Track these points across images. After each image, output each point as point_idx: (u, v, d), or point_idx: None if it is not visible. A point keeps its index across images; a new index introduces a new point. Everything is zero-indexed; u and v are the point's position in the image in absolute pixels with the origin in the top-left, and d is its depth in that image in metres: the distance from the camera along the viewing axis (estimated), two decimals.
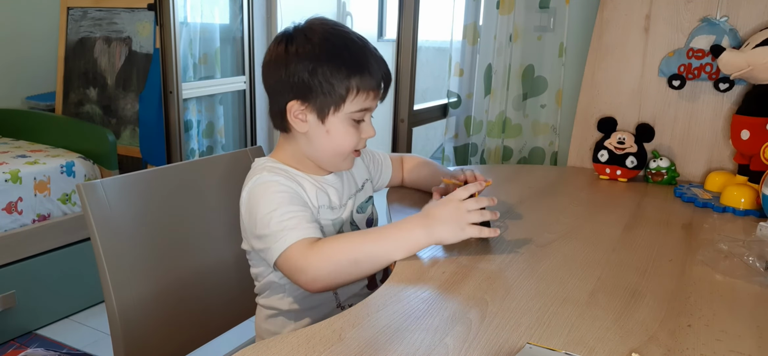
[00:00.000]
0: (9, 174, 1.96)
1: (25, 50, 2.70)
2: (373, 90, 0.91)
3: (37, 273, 2.01)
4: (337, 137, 0.92)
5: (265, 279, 0.97)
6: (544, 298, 0.78)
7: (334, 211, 0.97)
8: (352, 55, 0.90)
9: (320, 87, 0.89)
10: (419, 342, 0.66)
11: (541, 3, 1.84)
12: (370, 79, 0.90)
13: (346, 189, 1.01)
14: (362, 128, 0.94)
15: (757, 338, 0.71)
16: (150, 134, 2.33)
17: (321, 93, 0.89)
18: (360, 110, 0.91)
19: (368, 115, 0.94)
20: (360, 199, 1.04)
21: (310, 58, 0.88)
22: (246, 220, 0.90)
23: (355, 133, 0.93)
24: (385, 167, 1.17)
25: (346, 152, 0.94)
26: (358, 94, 0.90)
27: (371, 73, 0.90)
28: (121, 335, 0.91)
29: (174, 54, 2.04)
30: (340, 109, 0.90)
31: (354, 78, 0.89)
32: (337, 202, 0.98)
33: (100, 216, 0.90)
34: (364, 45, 0.92)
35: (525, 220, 1.11)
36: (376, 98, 0.93)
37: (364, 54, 0.91)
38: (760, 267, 0.91)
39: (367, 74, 0.89)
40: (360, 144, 0.95)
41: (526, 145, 1.94)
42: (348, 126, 0.92)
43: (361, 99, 0.90)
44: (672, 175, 1.43)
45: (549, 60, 1.86)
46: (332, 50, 0.89)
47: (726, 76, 1.38)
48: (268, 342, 0.64)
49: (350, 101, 0.90)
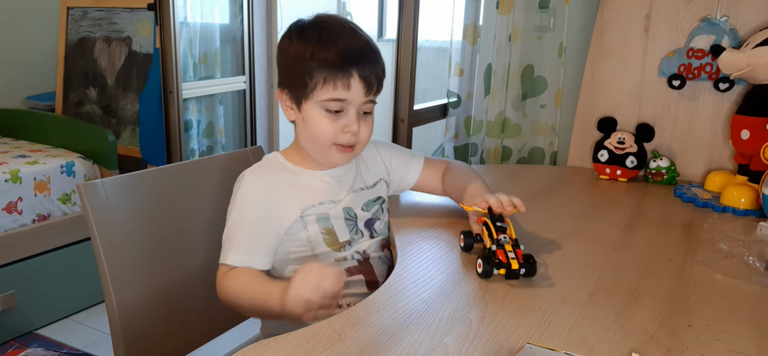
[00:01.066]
0: (9, 174, 1.96)
1: (25, 50, 2.70)
2: (341, 80, 0.88)
3: (37, 273, 2.01)
4: (311, 125, 0.92)
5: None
6: (544, 298, 0.78)
7: (330, 204, 0.96)
8: (320, 42, 0.88)
9: (291, 72, 0.92)
10: (419, 342, 0.66)
11: (540, 3, 1.84)
12: (336, 68, 0.87)
13: (350, 181, 1.00)
14: (342, 120, 0.91)
15: (757, 338, 0.71)
16: (150, 134, 2.33)
17: (293, 78, 0.91)
18: (331, 99, 0.89)
19: (350, 108, 0.90)
20: (367, 197, 1.02)
21: (287, 46, 0.92)
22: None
23: (331, 124, 0.90)
24: (412, 167, 1.11)
25: (324, 143, 0.92)
26: (326, 82, 0.88)
27: (338, 62, 0.87)
28: (121, 335, 0.91)
29: (174, 54, 2.04)
30: (310, 96, 0.90)
31: (320, 65, 0.88)
32: (339, 194, 0.97)
33: (100, 216, 0.90)
34: (342, 34, 0.90)
35: (525, 220, 1.11)
36: (347, 88, 0.88)
37: (336, 42, 0.88)
38: (760, 267, 0.91)
39: (333, 63, 0.87)
40: (341, 137, 0.91)
41: (525, 145, 1.94)
42: (321, 116, 0.90)
43: (330, 88, 0.88)
44: (672, 175, 1.43)
45: (549, 60, 1.86)
46: (303, 37, 0.90)
47: (726, 76, 1.38)
48: (267, 342, 0.64)
49: (320, 88, 0.89)
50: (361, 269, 0.96)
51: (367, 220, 1.01)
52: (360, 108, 0.92)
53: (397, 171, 1.10)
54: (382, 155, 1.09)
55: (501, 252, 0.83)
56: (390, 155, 1.10)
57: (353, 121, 0.91)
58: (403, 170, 1.11)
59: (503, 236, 0.86)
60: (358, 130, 0.92)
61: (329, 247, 0.95)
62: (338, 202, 0.98)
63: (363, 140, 0.95)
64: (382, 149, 1.10)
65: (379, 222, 1.03)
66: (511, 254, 0.82)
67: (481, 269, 0.83)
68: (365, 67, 0.89)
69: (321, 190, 0.97)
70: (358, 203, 1.01)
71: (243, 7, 2.68)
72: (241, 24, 2.70)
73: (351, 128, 0.91)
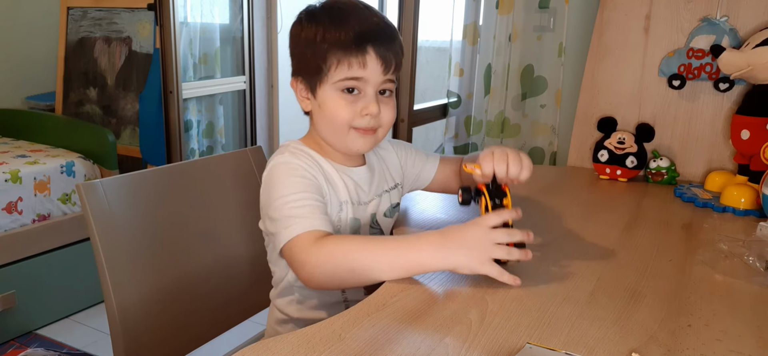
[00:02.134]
0: (9, 174, 1.96)
1: (25, 50, 2.70)
2: (355, 56, 0.84)
3: (37, 273, 2.01)
4: (328, 109, 0.87)
5: (282, 281, 0.94)
6: (544, 298, 0.78)
7: (358, 207, 0.92)
8: (332, 22, 0.85)
9: (303, 58, 0.87)
10: (419, 342, 0.65)
11: (540, 3, 1.84)
12: (351, 47, 0.83)
13: (375, 184, 0.95)
14: (361, 103, 0.86)
15: (757, 338, 0.71)
16: (150, 134, 2.33)
17: (306, 64, 0.87)
18: (346, 78, 0.85)
19: (368, 88, 0.86)
20: (389, 202, 0.98)
21: (298, 31, 0.88)
22: (264, 198, 0.87)
23: (348, 106, 0.86)
24: (428, 165, 1.07)
25: (341, 127, 0.87)
26: (340, 62, 0.84)
27: (352, 40, 0.83)
28: (120, 335, 0.91)
29: (174, 54, 2.04)
30: (325, 79, 0.86)
31: (332, 46, 0.84)
32: (365, 197, 0.93)
33: (100, 216, 0.90)
34: (352, 11, 0.86)
35: (525, 220, 1.10)
36: (362, 66, 0.84)
37: (348, 20, 0.85)
38: (760, 267, 0.91)
39: (347, 42, 0.83)
40: (359, 121, 0.86)
41: (525, 145, 1.94)
42: (337, 97, 0.86)
43: (345, 67, 0.84)
44: (672, 175, 1.43)
45: (548, 60, 1.86)
46: (314, 20, 0.86)
47: (726, 76, 1.38)
48: (267, 342, 0.64)
49: (334, 69, 0.85)
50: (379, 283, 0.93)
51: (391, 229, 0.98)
52: (378, 88, 0.87)
53: (413, 170, 1.06)
54: (398, 153, 1.05)
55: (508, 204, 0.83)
56: (406, 153, 1.06)
57: (372, 102, 0.86)
58: (419, 168, 1.07)
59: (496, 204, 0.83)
60: (377, 112, 0.86)
61: None
62: (365, 205, 0.93)
63: (386, 123, 0.89)
64: (399, 147, 1.06)
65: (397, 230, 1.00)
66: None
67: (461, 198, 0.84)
68: (381, 44, 0.85)
69: (351, 187, 0.92)
70: (382, 209, 0.96)
71: (243, 7, 2.68)
72: (241, 24, 2.70)
73: (370, 110, 0.86)
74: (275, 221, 0.83)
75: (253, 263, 1.12)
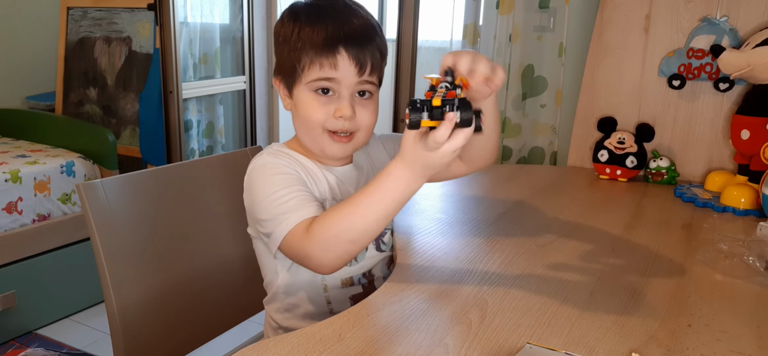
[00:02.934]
0: (9, 174, 1.96)
1: (25, 50, 2.70)
2: (326, 57, 0.80)
3: (37, 273, 2.01)
4: (301, 110, 0.84)
5: (271, 287, 0.93)
6: (544, 298, 0.78)
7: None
8: (308, 20, 0.82)
9: (281, 56, 0.85)
10: (419, 342, 0.65)
11: (540, 3, 1.84)
12: (321, 47, 0.80)
13: (360, 184, 0.91)
14: (334, 103, 0.82)
15: (757, 338, 0.71)
16: (150, 134, 2.33)
17: (283, 63, 0.85)
18: (318, 78, 0.81)
19: (341, 89, 0.82)
20: None
21: (278, 28, 0.86)
22: (247, 203, 0.86)
23: (320, 107, 0.82)
24: None
25: (314, 128, 0.83)
26: (312, 63, 0.81)
27: (323, 40, 0.80)
28: (121, 335, 0.91)
29: (174, 54, 2.04)
30: (300, 78, 0.83)
31: (305, 45, 0.81)
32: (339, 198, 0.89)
33: (100, 216, 0.90)
34: (330, 10, 0.83)
35: (525, 220, 1.11)
36: (333, 67, 0.80)
37: (323, 20, 0.81)
38: (760, 267, 0.91)
39: (318, 42, 0.80)
40: (332, 123, 0.82)
41: (525, 145, 1.94)
42: (311, 98, 0.82)
43: (316, 68, 0.81)
44: (672, 175, 1.43)
45: (549, 60, 1.86)
46: (292, 18, 0.84)
47: (726, 76, 1.38)
48: (267, 342, 0.64)
49: (307, 69, 0.81)
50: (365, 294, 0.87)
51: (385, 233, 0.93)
52: (354, 89, 0.83)
53: None
54: (387, 147, 0.99)
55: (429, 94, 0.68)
56: (395, 146, 0.98)
57: (345, 104, 0.82)
58: None
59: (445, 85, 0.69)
60: (351, 114, 0.82)
61: None
62: None
63: (364, 126, 0.85)
64: (387, 141, 1.00)
65: (386, 233, 0.94)
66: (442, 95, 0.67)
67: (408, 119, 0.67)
68: (354, 45, 0.81)
69: (334, 186, 0.88)
70: None
71: (243, 7, 2.68)
72: (241, 24, 2.69)
73: (343, 112, 0.82)
74: (266, 222, 0.81)
75: (253, 263, 1.12)
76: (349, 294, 0.91)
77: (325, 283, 0.89)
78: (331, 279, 0.89)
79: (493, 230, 1.05)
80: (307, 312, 0.91)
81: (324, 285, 0.89)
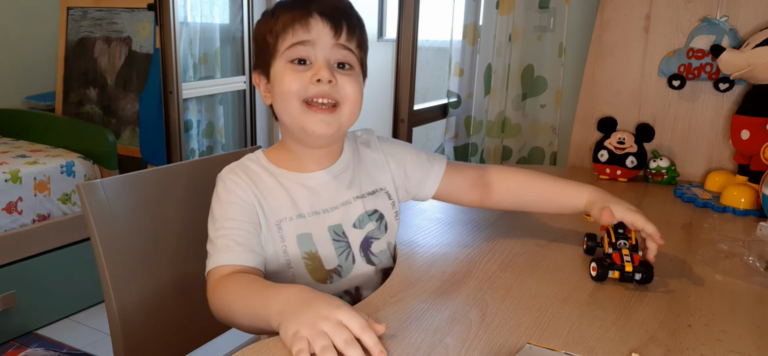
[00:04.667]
0: (9, 174, 1.96)
1: (25, 50, 2.70)
2: (299, 21, 0.78)
3: (37, 273, 2.01)
4: (278, 86, 0.79)
5: None
6: (544, 298, 0.78)
7: (310, 219, 0.82)
8: (283, 5, 0.81)
9: (258, 43, 0.83)
10: (419, 342, 0.65)
11: (540, 3, 1.84)
12: (294, 11, 0.78)
13: (342, 190, 0.85)
14: (311, 71, 0.78)
15: (757, 338, 0.71)
16: (150, 134, 2.33)
17: (260, 49, 0.83)
18: (292, 44, 0.78)
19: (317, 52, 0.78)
20: (361, 209, 0.86)
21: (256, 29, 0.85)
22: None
23: (297, 75, 0.78)
24: (433, 174, 0.93)
25: (291, 100, 0.78)
26: (285, 30, 0.78)
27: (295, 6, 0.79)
28: (120, 335, 0.91)
29: (174, 54, 2.04)
30: (275, 54, 0.80)
31: (279, 17, 0.79)
32: (322, 205, 0.83)
33: (99, 216, 0.90)
34: None
35: (525, 220, 1.11)
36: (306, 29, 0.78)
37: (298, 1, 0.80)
38: (760, 267, 0.91)
39: (291, 7, 0.79)
40: (311, 89, 0.78)
41: (525, 145, 1.94)
42: (287, 70, 0.78)
43: (290, 35, 0.78)
44: (672, 175, 1.43)
45: (549, 60, 1.86)
46: (269, 13, 0.83)
47: (726, 76, 1.38)
48: (267, 342, 0.64)
49: (281, 40, 0.79)
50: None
51: (363, 241, 0.85)
52: (331, 55, 0.79)
53: (413, 178, 0.92)
54: (389, 158, 0.91)
55: (616, 255, 0.83)
56: (403, 158, 0.92)
57: (323, 68, 0.77)
58: (421, 176, 0.92)
59: (622, 242, 0.84)
60: (329, 77, 0.77)
61: (312, 276, 0.82)
62: (324, 214, 0.83)
63: (348, 96, 0.80)
64: (392, 150, 0.92)
65: (378, 244, 0.87)
66: (627, 257, 0.82)
67: (595, 272, 0.82)
68: (328, 8, 0.79)
69: (302, 198, 0.83)
70: (350, 218, 0.84)
71: (243, 7, 2.69)
72: (241, 24, 2.70)
73: (321, 74, 0.77)
74: (208, 242, 0.81)
75: None
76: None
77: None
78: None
79: (493, 230, 1.05)
80: None
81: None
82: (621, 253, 0.83)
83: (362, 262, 0.86)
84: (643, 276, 0.81)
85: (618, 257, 0.82)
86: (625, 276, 0.81)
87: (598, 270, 0.82)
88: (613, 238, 0.86)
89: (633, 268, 0.81)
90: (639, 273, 0.81)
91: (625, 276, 0.81)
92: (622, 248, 0.83)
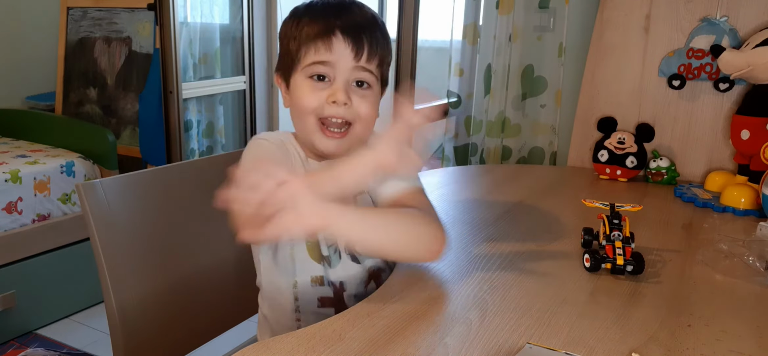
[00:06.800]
0: (9, 174, 1.96)
1: (25, 50, 2.70)
2: (322, 39, 0.78)
3: (37, 273, 2.01)
4: (295, 98, 0.82)
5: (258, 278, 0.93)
6: (544, 298, 0.78)
7: None
8: (308, 10, 0.82)
9: (281, 51, 0.85)
10: (419, 342, 0.65)
11: (540, 3, 1.84)
12: (318, 29, 0.79)
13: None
14: (328, 89, 0.79)
15: (757, 338, 0.71)
16: (150, 134, 2.33)
17: (283, 55, 0.84)
18: (313, 62, 0.79)
19: (337, 74, 0.79)
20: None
21: (282, 26, 0.85)
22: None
23: (314, 92, 0.80)
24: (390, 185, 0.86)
25: (307, 115, 0.80)
26: (308, 47, 0.80)
27: (319, 23, 0.79)
28: (120, 335, 0.91)
29: (174, 54, 2.04)
30: (297, 66, 0.81)
31: (302, 31, 0.80)
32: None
33: (99, 216, 0.90)
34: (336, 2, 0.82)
35: (525, 220, 1.11)
36: (329, 49, 0.78)
37: (323, 8, 0.81)
38: (760, 266, 0.91)
39: (315, 25, 0.79)
40: (327, 109, 0.79)
41: (525, 145, 1.94)
42: (305, 84, 0.80)
43: (312, 52, 0.79)
44: (672, 175, 1.43)
45: (548, 60, 1.86)
46: (295, 13, 0.83)
47: (726, 76, 1.38)
48: (267, 342, 0.64)
49: (303, 55, 0.80)
50: (334, 302, 0.85)
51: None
52: (351, 77, 0.80)
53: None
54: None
55: (609, 248, 0.86)
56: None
57: (340, 89, 0.79)
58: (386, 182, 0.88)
59: (616, 233, 0.87)
60: (345, 100, 0.78)
61: (309, 253, 0.84)
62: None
63: (361, 117, 0.81)
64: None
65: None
66: (619, 250, 0.85)
67: (588, 263, 0.87)
68: (352, 28, 0.79)
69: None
70: None
71: (243, 7, 2.68)
72: (241, 24, 2.69)
73: (336, 96, 0.78)
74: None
75: (252, 263, 1.12)
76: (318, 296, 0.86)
77: (296, 279, 0.86)
78: (301, 275, 0.85)
79: (493, 230, 1.05)
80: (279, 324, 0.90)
81: (294, 281, 0.86)
82: (613, 245, 0.86)
83: (347, 259, 0.86)
84: (634, 267, 0.85)
85: (610, 250, 0.86)
86: (617, 269, 0.85)
87: (591, 262, 0.87)
88: (607, 229, 0.88)
89: (624, 261, 0.84)
90: (630, 265, 0.85)
91: (617, 268, 0.85)
92: (616, 240, 0.87)
